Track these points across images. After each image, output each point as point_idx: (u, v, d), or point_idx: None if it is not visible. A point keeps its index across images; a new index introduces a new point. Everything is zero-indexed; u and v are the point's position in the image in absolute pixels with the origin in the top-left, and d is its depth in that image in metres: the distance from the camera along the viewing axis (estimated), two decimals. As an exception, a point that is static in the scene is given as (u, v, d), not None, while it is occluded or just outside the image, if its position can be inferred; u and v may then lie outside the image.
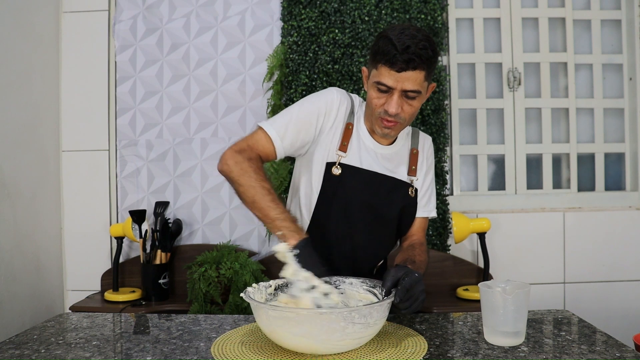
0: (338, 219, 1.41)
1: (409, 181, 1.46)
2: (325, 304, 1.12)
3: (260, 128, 1.37)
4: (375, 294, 1.22)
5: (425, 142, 1.54)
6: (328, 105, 1.39)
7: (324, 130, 1.39)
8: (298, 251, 1.17)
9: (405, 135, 1.50)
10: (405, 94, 1.29)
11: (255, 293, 1.18)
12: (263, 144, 1.35)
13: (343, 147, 1.39)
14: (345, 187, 1.39)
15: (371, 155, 1.42)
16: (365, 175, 1.40)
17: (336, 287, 1.23)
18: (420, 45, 1.24)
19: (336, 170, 1.38)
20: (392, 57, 1.25)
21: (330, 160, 1.39)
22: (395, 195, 1.43)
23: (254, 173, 1.27)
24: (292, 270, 1.15)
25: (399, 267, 1.17)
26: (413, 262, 1.32)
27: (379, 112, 1.33)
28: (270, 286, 1.22)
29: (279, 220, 1.22)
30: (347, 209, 1.40)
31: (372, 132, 1.43)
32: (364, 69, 1.40)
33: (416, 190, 1.48)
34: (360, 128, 1.43)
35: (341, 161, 1.39)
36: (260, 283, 1.21)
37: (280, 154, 1.37)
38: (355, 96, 1.47)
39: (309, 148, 1.41)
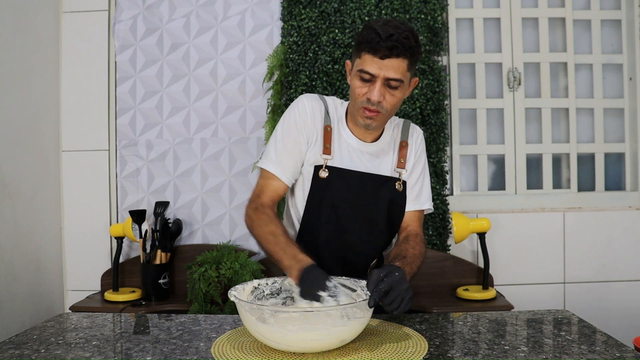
0: (327, 221, 1.42)
1: (396, 175, 1.46)
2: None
3: (261, 169, 1.42)
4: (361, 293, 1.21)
5: (415, 133, 1.52)
6: (302, 115, 1.41)
7: (307, 138, 1.41)
8: (299, 288, 1.19)
9: (392, 129, 1.49)
10: (387, 82, 1.30)
11: (242, 292, 1.20)
12: (270, 184, 1.40)
13: (327, 149, 1.41)
14: (333, 189, 1.40)
15: (356, 154, 1.43)
16: (352, 176, 1.41)
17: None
18: (403, 35, 1.27)
19: (323, 174, 1.40)
20: (376, 44, 1.27)
21: (317, 164, 1.41)
22: (381, 192, 1.43)
23: (260, 221, 1.34)
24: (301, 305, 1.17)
25: (383, 267, 1.16)
26: (404, 257, 1.31)
27: (361, 102, 1.33)
28: (261, 284, 1.27)
29: (282, 260, 1.26)
30: (336, 211, 1.41)
31: (355, 131, 1.43)
32: (347, 62, 1.41)
33: (404, 183, 1.47)
34: (342, 128, 1.44)
35: (328, 164, 1.40)
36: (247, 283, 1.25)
37: (290, 182, 1.41)
38: (330, 98, 1.48)
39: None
